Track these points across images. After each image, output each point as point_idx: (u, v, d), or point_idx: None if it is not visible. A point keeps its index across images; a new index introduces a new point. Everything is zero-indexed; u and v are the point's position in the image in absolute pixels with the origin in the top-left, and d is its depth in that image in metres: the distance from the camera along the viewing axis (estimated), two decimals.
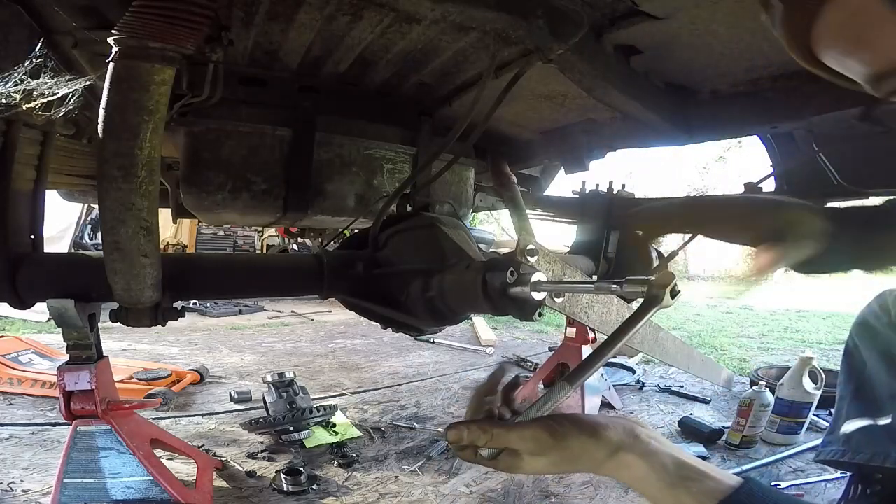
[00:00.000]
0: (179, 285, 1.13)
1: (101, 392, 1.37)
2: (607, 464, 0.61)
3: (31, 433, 2.12)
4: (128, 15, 0.79)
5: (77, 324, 1.15)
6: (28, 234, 1.17)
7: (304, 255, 1.35)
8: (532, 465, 0.62)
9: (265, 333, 4.50)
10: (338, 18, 1.12)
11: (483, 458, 0.64)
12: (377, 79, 1.49)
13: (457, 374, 3.45)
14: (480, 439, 0.63)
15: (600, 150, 1.85)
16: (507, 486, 1.92)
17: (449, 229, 1.24)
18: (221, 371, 3.20)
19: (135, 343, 3.73)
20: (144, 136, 0.84)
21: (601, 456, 0.60)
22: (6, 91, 0.86)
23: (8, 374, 2.57)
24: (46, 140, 1.17)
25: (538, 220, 2.61)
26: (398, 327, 1.28)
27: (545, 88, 1.52)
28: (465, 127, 1.11)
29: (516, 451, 0.63)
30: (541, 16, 0.96)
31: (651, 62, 1.28)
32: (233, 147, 1.39)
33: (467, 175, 1.84)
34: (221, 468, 1.92)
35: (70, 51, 1.13)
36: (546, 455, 0.61)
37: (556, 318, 4.97)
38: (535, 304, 0.78)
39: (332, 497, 1.79)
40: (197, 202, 1.41)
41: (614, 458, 0.60)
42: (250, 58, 1.35)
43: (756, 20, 1.02)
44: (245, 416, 2.41)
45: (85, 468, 1.37)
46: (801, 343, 5.05)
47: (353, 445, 2.21)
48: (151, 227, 0.93)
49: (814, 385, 2.34)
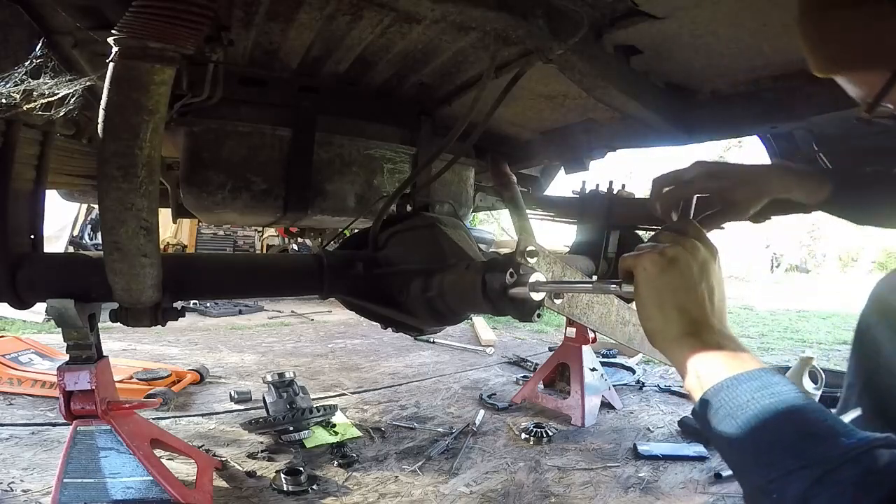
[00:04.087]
0: (179, 285, 1.13)
1: (101, 392, 1.37)
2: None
3: (31, 433, 2.12)
4: (128, 15, 0.79)
5: (77, 324, 1.15)
6: (28, 234, 1.17)
7: (304, 255, 1.35)
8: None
9: (265, 333, 4.50)
10: (338, 18, 1.12)
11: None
12: (377, 79, 1.49)
13: (457, 374, 3.45)
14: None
15: (600, 150, 1.85)
16: (507, 487, 1.92)
17: (449, 229, 1.24)
18: (221, 371, 3.20)
19: (135, 343, 3.73)
20: (144, 136, 0.84)
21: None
22: (6, 91, 0.86)
23: (8, 374, 2.56)
24: (46, 140, 1.17)
25: (538, 220, 2.61)
26: (398, 327, 1.28)
27: (545, 88, 1.52)
28: (465, 127, 1.11)
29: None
30: (541, 16, 0.96)
31: (651, 62, 1.28)
32: (233, 147, 1.39)
33: (467, 175, 1.84)
34: (221, 468, 1.92)
35: (70, 51, 1.14)
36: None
37: (556, 319, 4.97)
38: (535, 304, 0.78)
39: (332, 497, 1.79)
40: (197, 202, 1.42)
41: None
42: (250, 58, 1.35)
43: (756, 20, 1.02)
44: (245, 416, 2.41)
45: (85, 468, 1.37)
46: (801, 343, 5.05)
47: (353, 445, 2.21)
48: (151, 227, 0.93)
49: (814, 385, 2.34)
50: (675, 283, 0.55)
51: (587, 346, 2.79)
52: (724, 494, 1.95)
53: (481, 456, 2.19)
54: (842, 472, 0.39)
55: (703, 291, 0.55)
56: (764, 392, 0.46)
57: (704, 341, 0.53)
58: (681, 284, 0.55)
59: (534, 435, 2.38)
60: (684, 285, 0.55)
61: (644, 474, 2.09)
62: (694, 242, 0.56)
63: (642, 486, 2.00)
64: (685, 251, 0.56)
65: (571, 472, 2.09)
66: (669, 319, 0.55)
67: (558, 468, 2.11)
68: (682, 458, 2.23)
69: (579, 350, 2.75)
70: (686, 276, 0.55)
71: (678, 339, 0.54)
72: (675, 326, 0.55)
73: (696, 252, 0.56)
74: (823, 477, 0.39)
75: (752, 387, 0.47)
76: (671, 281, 0.55)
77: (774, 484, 0.42)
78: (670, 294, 0.55)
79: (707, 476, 2.09)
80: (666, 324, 0.55)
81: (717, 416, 0.48)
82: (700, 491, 1.98)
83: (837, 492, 0.38)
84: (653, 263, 0.56)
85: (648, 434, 2.53)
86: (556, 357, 2.88)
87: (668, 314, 0.55)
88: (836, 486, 0.38)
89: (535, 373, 3.03)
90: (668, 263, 0.55)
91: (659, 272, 0.56)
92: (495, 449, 2.27)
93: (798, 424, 0.44)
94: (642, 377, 3.38)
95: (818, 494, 0.39)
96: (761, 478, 0.43)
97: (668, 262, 0.55)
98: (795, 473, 0.41)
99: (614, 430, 2.56)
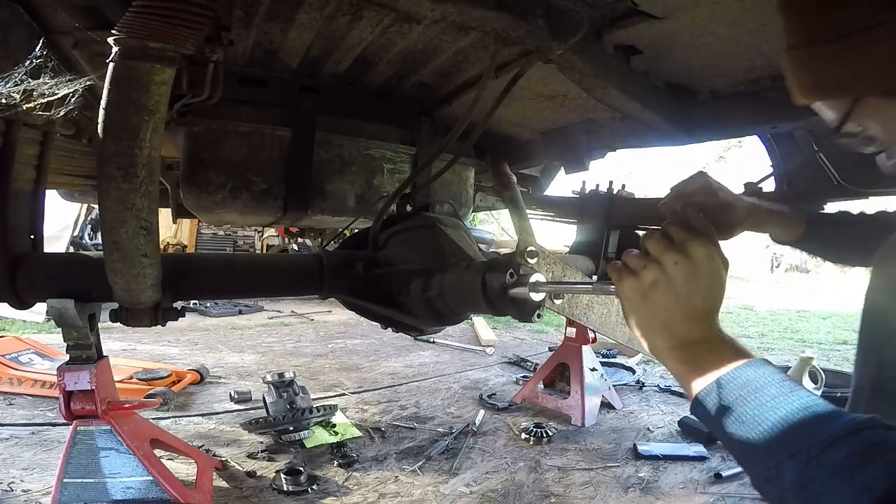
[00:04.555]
0: (179, 285, 1.13)
1: (101, 392, 1.37)
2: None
3: (31, 433, 2.13)
4: (128, 15, 0.79)
5: (77, 324, 1.15)
6: (28, 234, 1.16)
7: (304, 255, 1.35)
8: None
9: (265, 333, 4.50)
10: (338, 18, 1.12)
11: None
12: (377, 79, 1.49)
13: (457, 374, 3.46)
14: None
15: (600, 150, 1.85)
16: (507, 487, 1.92)
17: (449, 229, 1.24)
18: (221, 371, 3.20)
19: (135, 343, 3.73)
20: (144, 136, 0.84)
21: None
22: (6, 91, 0.86)
23: (8, 374, 2.57)
24: (46, 140, 1.17)
25: (538, 220, 2.61)
26: (398, 327, 1.27)
27: (545, 88, 1.52)
28: (465, 127, 1.11)
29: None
30: (541, 16, 0.96)
31: (651, 62, 1.28)
32: (233, 147, 1.39)
33: (467, 175, 1.84)
34: (221, 468, 1.92)
35: (70, 51, 1.13)
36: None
37: (556, 319, 4.97)
38: (535, 304, 0.78)
39: (332, 497, 1.79)
40: (197, 202, 1.41)
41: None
42: (250, 58, 1.34)
43: (756, 20, 1.02)
44: (245, 416, 2.41)
45: (85, 468, 1.37)
46: (801, 343, 5.06)
47: (353, 445, 2.21)
48: (151, 227, 0.93)
49: (814, 385, 2.34)
50: (657, 304, 0.57)
51: (587, 346, 2.79)
52: (724, 494, 1.96)
53: (481, 456, 2.19)
54: (828, 455, 0.41)
55: (687, 304, 0.56)
56: (753, 384, 0.49)
57: (693, 350, 0.55)
58: (662, 305, 0.57)
59: (534, 435, 2.38)
60: (665, 306, 0.57)
61: (644, 474, 2.09)
62: (678, 250, 0.57)
63: (642, 486, 2.00)
64: (663, 272, 0.57)
65: (571, 472, 2.09)
66: (656, 337, 0.58)
67: (558, 468, 2.11)
68: (682, 458, 2.23)
69: (579, 350, 2.76)
70: (668, 295, 0.56)
71: (667, 351, 0.57)
72: (663, 342, 0.58)
73: (679, 267, 0.57)
74: (811, 461, 0.41)
75: (743, 380, 0.50)
76: (653, 304, 0.57)
77: (772, 471, 0.45)
78: (651, 317, 0.58)
79: (707, 476, 2.09)
80: (653, 340, 0.58)
81: (712, 413, 0.51)
82: (700, 491, 1.98)
83: (828, 474, 0.41)
84: (632, 291, 0.58)
85: (648, 434, 2.53)
86: (556, 357, 2.88)
87: (654, 333, 0.58)
88: (825, 469, 0.41)
89: (535, 373, 3.03)
90: (647, 288, 0.57)
91: (640, 299, 0.58)
92: (495, 449, 2.27)
93: (787, 411, 0.46)
94: (642, 377, 3.39)
95: (813, 478, 0.41)
96: (760, 466, 0.46)
97: (648, 287, 0.57)
98: (786, 462, 0.43)
99: (614, 430, 2.56)
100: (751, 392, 0.49)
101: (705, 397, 0.52)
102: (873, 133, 0.61)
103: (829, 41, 0.57)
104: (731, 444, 0.50)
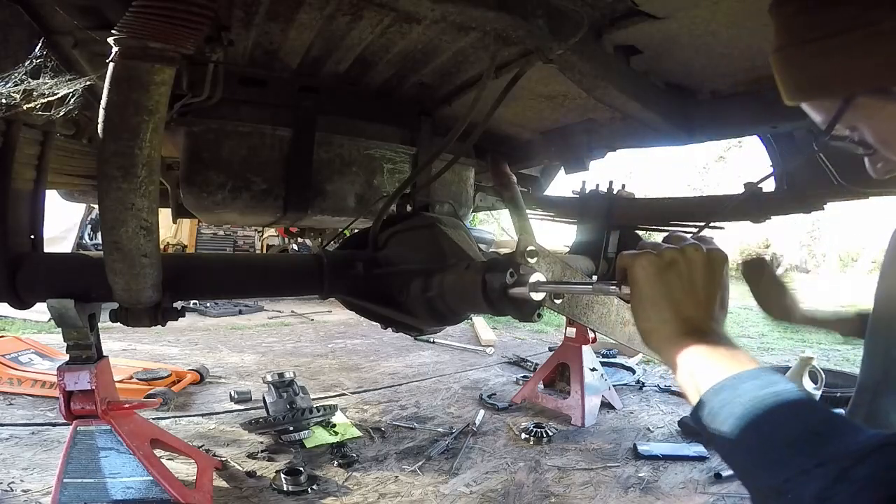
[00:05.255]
0: (179, 285, 1.13)
1: (101, 392, 1.37)
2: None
3: (31, 433, 2.13)
4: (128, 15, 0.79)
5: (77, 324, 1.15)
6: (28, 234, 1.16)
7: (304, 255, 1.35)
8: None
9: (265, 333, 4.50)
10: (338, 18, 1.12)
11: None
12: (377, 79, 1.49)
13: (457, 374, 3.46)
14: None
15: (600, 150, 1.85)
16: (507, 486, 1.92)
17: (449, 229, 1.24)
18: (221, 371, 3.20)
19: (135, 343, 3.73)
20: (144, 136, 0.84)
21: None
22: (6, 91, 0.86)
23: (8, 374, 2.57)
24: (46, 140, 1.17)
25: (538, 220, 2.61)
26: (398, 327, 1.27)
27: (545, 88, 1.52)
28: (465, 127, 1.11)
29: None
30: (541, 16, 0.96)
31: (651, 62, 1.28)
32: (233, 147, 1.39)
33: (467, 175, 1.84)
34: (221, 468, 1.92)
35: (70, 51, 1.13)
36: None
37: (556, 319, 4.97)
38: (535, 304, 0.78)
39: (332, 497, 1.79)
40: (197, 202, 1.42)
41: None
42: (250, 58, 1.34)
43: (756, 20, 1.02)
44: (245, 416, 2.41)
45: (85, 468, 1.37)
46: (801, 343, 5.06)
47: (353, 445, 2.21)
48: (151, 227, 0.93)
49: (814, 385, 2.33)
50: (672, 283, 0.56)
51: (587, 346, 2.79)
52: (724, 494, 1.96)
53: (481, 456, 2.19)
54: (858, 469, 0.38)
55: (702, 294, 0.56)
56: (767, 391, 0.45)
57: (700, 341, 0.52)
58: (678, 285, 0.55)
59: (534, 435, 2.38)
60: (681, 287, 0.55)
61: (644, 474, 2.09)
62: (699, 246, 0.57)
63: (642, 486, 2.00)
64: (683, 255, 0.56)
65: (571, 472, 2.09)
66: (664, 319, 0.55)
67: (558, 468, 2.11)
68: (682, 458, 2.23)
69: (579, 350, 2.76)
70: (683, 277, 0.56)
71: (672, 339, 0.54)
72: (670, 326, 0.55)
73: (698, 255, 0.56)
74: (841, 475, 0.38)
75: (755, 385, 0.46)
76: (668, 281, 0.56)
77: (790, 483, 0.41)
78: (666, 294, 0.56)
79: (707, 476, 2.09)
80: (661, 323, 0.56)
81: (718, 417, 0.47)
82: (700, 491, 1.98)
83: (856, 489, 0.37)
84: (650, 263, 0.57)
85: (648, 434, 2.53)
86: (556, 357, 2.88)
87: (663, 314, 0.55)
88: (854, 483, 0.38)
89: (535, 373, 3.03)
90: (666, 264, 0.56)
91: (656, 272, 0.56)
92: (495, 449, 2.27)
93: (808, 423, 0.43)
94: (642, 377, 3.39)
95: (838, 493, 0.38)
96: (773, 478, 0.42)
97: (667, 264, 0.56)
98: (812, 472, 0.40)
99: (614, 430, 2.56)
100: (768, 396, 0.45)
101: (714, 395, 0.48)
102: (864, 136, 0.60)
103: (815, 41, 0.57)
104: (735, 449, 0.46)
